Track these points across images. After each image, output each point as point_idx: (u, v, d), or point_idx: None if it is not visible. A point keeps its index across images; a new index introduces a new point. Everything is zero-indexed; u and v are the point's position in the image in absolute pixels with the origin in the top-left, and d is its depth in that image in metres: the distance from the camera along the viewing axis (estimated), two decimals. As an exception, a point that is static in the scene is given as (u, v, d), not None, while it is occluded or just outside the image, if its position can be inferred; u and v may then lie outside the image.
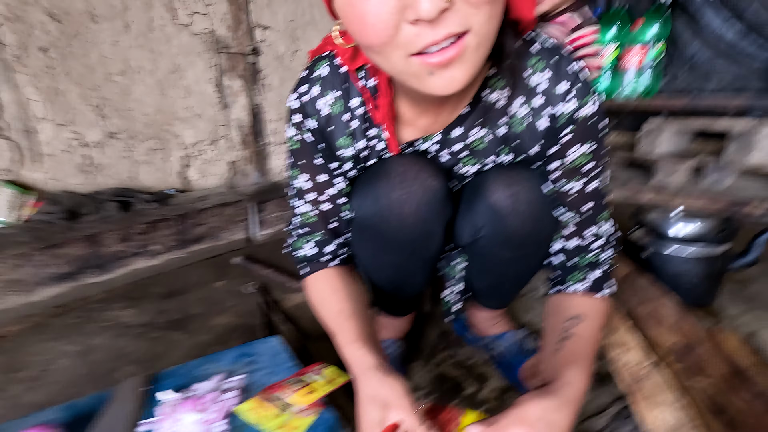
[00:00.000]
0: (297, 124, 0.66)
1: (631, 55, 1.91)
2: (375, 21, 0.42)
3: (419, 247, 0.71)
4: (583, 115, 0.59)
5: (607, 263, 0.69)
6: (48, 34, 1.32)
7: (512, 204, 0.66)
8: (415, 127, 0.66)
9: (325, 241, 0.72)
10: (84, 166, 1.45)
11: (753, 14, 1.82)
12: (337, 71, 0.63)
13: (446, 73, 0.45)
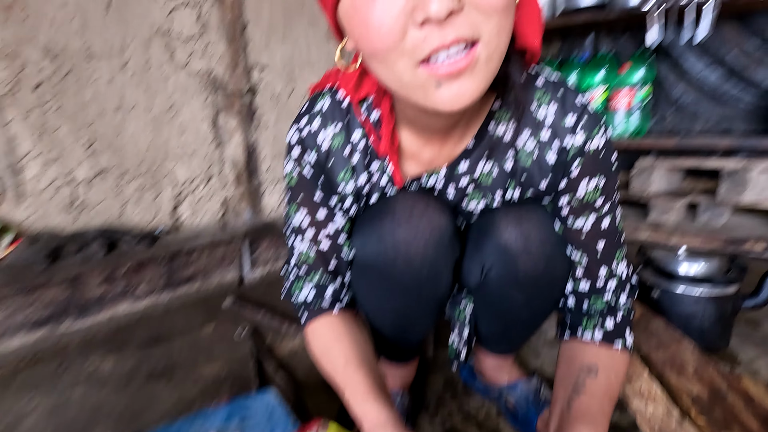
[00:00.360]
0: (296, 158, 0.63)
1: (620, 97, 1.97)
2: (381, 24, 0.40)
3: (426, 290, 0.66)
4: (592, 148, 0.58)
5: (625, 309, 0.65)
6: (42, 71, 1.30)
7: (523, 243, 0.62)
8: (419, 161, 0.63)
9: (324, 284, 0.67)
10: (70, 204, 1.40)
11: (733, 59, 1.91)
12: (339, 105, 0.61)
13: (455, 84, 0.42)
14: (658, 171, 1.89)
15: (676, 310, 1.05)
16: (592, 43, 2.28)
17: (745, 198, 1.68)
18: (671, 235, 1.77)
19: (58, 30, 1.31)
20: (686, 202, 1.89)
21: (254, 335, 1.17)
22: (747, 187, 1.67)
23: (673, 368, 0.83)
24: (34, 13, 1.26)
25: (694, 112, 2.05)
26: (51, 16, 1.30)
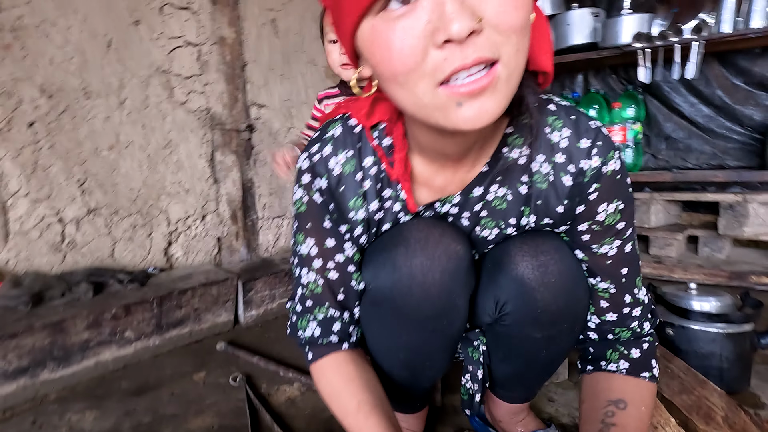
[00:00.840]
0: (306, 185, 0.61)
1: (614, 134, 2.00)
2: (402, 46, 0.40)
3: (442, 323, 0.62)
4: (608, 171, 0.56)
5: (650, 337, 0.64)
6: (38, 109, 1.28)
7: (541, 276, 0.59)
8: (432, 188, 0.61)
9: (332, 318, 0.63)
10: (57, 244, 1.34)
11: (721, 97, 1.96)
12: (351, 131, 0.60)
13: (476, 103, 0.41)
14: (656, 205, 1.90)
15: (693, 348, 1.01)
16: (583, 81, 2.35)
17: (745, 231, 1.68)
18: (674, 269, 1.75)
19: (56, 69, 1.31)
20: (686, 236, 1.89)
21: (249, 383, 1.09)
22: (746, 220, 1.67)
23: (700, 415, 0.78)
24: (33, 52, 1.26)
25: (686, 147, 2.08)
26: (50, 56, 1.30)
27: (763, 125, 1.87)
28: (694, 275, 1.70)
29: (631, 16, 1.82)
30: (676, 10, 1.90)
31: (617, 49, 1.85)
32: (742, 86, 1.92)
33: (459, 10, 0.37)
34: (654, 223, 1.90)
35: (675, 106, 2.07)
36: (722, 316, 0.99)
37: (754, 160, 1.92)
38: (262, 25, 1.82)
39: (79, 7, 1.34)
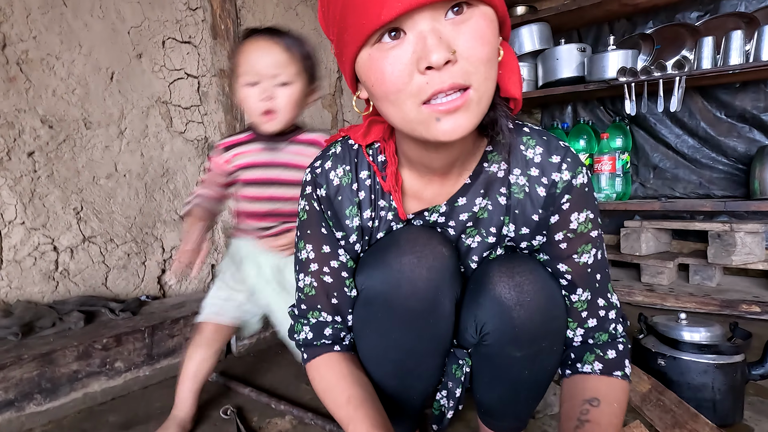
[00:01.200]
0: (307, 195, 0.70)
1: (603, 163, 2.05)
2: (393, 70, 0.49)
3: (429, 322, 0.66)
4: (577, 184, 0.64)
5: (623, 338, 0.69)
6: (37, 139, 1.30)
7: (517, 296, 0.63)
8: (421, 200, 0.69)
9: (324, 323, 0.70)
10: (51, 272, 1.34)
11: (704, 128, 2.03)
12: (350, 149, 0.69)
13: (452, 119, 0.49)
14: (646, 233, 1.92)
15: (685, 380, 1.01)
16: (572, 113, 2.42)
17: (734, 260, 1.71)
18: (666, 297, 1.76)
19: (58, 100, 1.34)
20: (677, 264, 1.91)
21: (239, 415, 1.08)
22: (734, 249, 1.70)
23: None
24: (36, 84, 1.29)
25: (674, 176, 2.14)
26: (53, 87, 1.33)
27: (746, 156, 1.93)
28: (685, 304, 1.71)
29: (615, 52, 1.90)
30: (659, 47, 1.99)
31: (604, 82, 1.92)
32: (725, 119, 1.99)
33: (438, 44, 0.46)
34: (645, 251, 1.92)
35: (661, 137, 2.13)
36: (713, 347, 1.00)
37: (739, 190, 1.97)
38: (261, 57, 1.88)
39: (84, 42, 1.38)
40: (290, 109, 0.95)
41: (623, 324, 0.69)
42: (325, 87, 2.17)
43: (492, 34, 0.50)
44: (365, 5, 0.47)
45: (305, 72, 0.97)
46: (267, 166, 1.02)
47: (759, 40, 1.65)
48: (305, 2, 2.05)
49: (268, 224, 1.05)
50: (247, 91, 0.94)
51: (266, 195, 1.03)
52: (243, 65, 0.93)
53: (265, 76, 0.92)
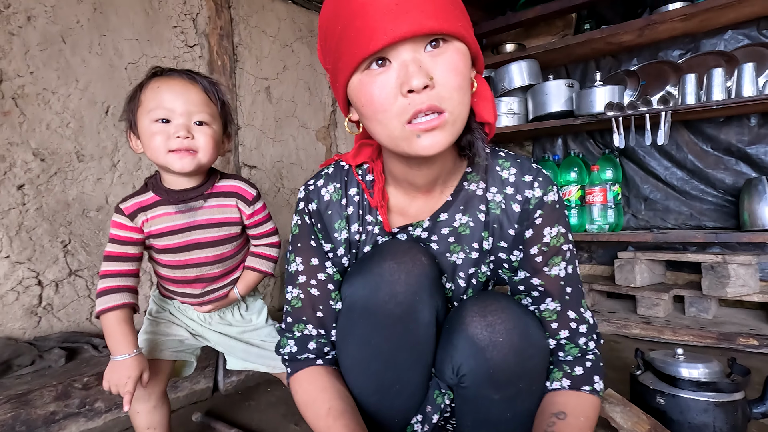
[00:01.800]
0: (300, 210, 0.76)
1: (595, 194, 2.07)
2: (380, 93, 0.57)
3: (409, 327, 0.67)
4: (549, 201, 0.70)
5: (593, 355, 0.70)
6: (28, 171, 1.30)
7: (489, 335, 0.63)
8: (406, 216, 0.74)
9: (308, 336, 0.73)
10: (33, 307, 1.30)
11: (690, 163, 2.07)
12: (341, 169, 0.76)
13: (431, 136, 0.57)
14: (640, 264, 1.92)
15: (685, 419, 0.98)
16: (562, 145, 2.46)
17: (728, 292, 1.70)
18: (662, 330, 1.74)
19: (52, 134, 1.35)
20: (672, 296, 1.90)
21: (224, 460, 1.02)
22: (728, 281, 1.69)
23: (698, 495, 0.74)
24: (31, 118, 1.30)
25: (665, 207, 2.15)
26: (47, 121, 1.34)
27: (734, 188, 1.96)
28: (683, 337, 1.69)
29: (602, 88, 1.95)
30: (644, 83, 2.06)
31: (592, 116, 1.96)
32: (711, 152, 2.03)
33: (418, 71, 0.54)
34: (639, 283, 1.91)
35: (651, 169, 2.17)
36: (712, 384, 0.97)
37: (730, 221, 1.98)
38: (256, 92, 1.92)
39: (81, 77, 1.40)
40: (209, 150, 0.85)
41: (596, 342, 0.71)
42: (319, 120, 2.21)
43: (464, 65, 0.58)
44: (357, 38, 0.55)
45: (221, 117, 0.90)
46: (185, 229, 0.90)
47: (739, 77, 1.71)
48: (300, 40, 2.11)
49: (193, 290, 0.95)
50: (155, 127, 0.83)
51: (189, 260, 0.91)
52: (152, 101, 0.83)
53: (179, 113, 0.83)
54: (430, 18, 0.54)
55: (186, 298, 0.98)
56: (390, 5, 0.53)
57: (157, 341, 0.96)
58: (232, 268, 0.98)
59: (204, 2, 1.72)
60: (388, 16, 0.53)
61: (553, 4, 2.15)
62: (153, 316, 1.01)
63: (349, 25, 0.56)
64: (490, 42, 2.57)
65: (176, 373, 1.03)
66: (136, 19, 1.53)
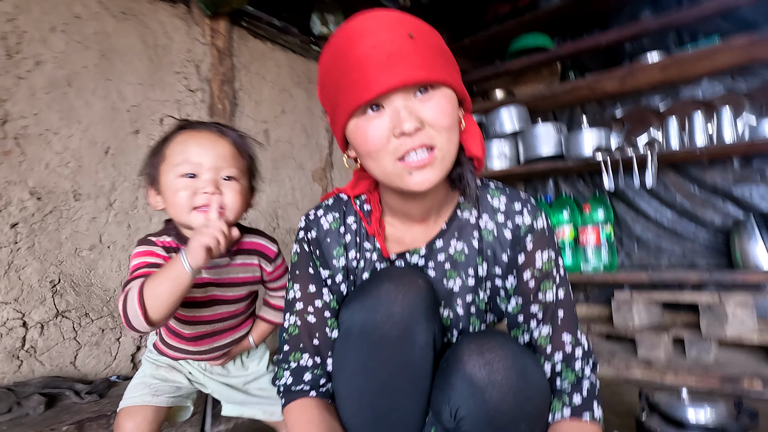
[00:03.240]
0: (300, 238, 0.78)
1: (588, 234, 2.09)
2: (374, 135, 0.62)
3: (405, 350, 0.67)
4: (539, 227, 0.73)
5: (590, 382, 0.71)
6: (23, 210, 1.29)
7: (488, 374, 0.62)
8: (402, 244, 0.77)
9: (304, 368, 0.73)
10: (15, 350, 1.25)
11: (679, 204, 2.11)
12: (340, 200, 0.80)
13: (422, 173, 0.62)
14: (637, 305, 1.91)
15: (696, 467, 0.94)
16: (554, 186, 2.52)
17: (728, 333, 1.68)
18: (665, 373, 1.70)
19: (50, 173, 1.35)
20: (672, 337, 1.87)
21: None
22: (727, 321, 1.68)
23: None
24: (30, 157, 1.31)
25: (657, 247, 2.17)
26: (47, 161, 1.35)
27: (724, 228, 1.99)
28: (686, 379, 1.65)
29: (590, 132, 2.03)
30: (629, 127, 2.14)
31: (581, 159, 2.02)
32: (699, 192, 2.08)
33: (409, 116, 0.60)
34: (638, 323, 1.89)
35: (641, 210, 2.21)
36: (720, 428, 0.94)
37: (722, 260, 2.00)
38: (255, 134, 1.96)
39: (83, 119, 1.43)
40: (237, 207, 0.81)
41: (591, 367, 0.72)
42: (316, 161, 2.25)
43: (451, 108, 0.64)
44: (354, 87, 0.60)
45: (248, 172, 0.87)
46: (209, 284, 0.86)
47: (719, 121, 1.79)
48: (298, 85, 2.19)
49: (199, 348, 0.91)
50: (180, 182, 0.78)
51: (205, 316, 0.88)
52: (179, 155, 0.79)
53: (207, 168, 0.79)
54: (418, 69, 0.59)
55: (186, 355, 0.93)
56: (382, 59, 0.59)
57: (155, 386, 0.91)
58: (239, 323, 0.97)
59: (208, 50, 1.79)
60: (381, 68, 0.59)
61: (539, 55, 2.27)
62: (152, 359, 0.97)
63: (346, 75, 0.61)
64: (481, 89, 2.69)
65: (170, 419, 0.97)
66: (140, 65, 1.59)
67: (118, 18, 1.54)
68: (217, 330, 0.92)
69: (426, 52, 0.61)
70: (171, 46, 1.68)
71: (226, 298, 0.90)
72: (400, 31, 0.61)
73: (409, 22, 0.63)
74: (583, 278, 2.02)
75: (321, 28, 2.16)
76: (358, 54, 0.60)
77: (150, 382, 0.92)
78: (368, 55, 0.59)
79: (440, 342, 0.73)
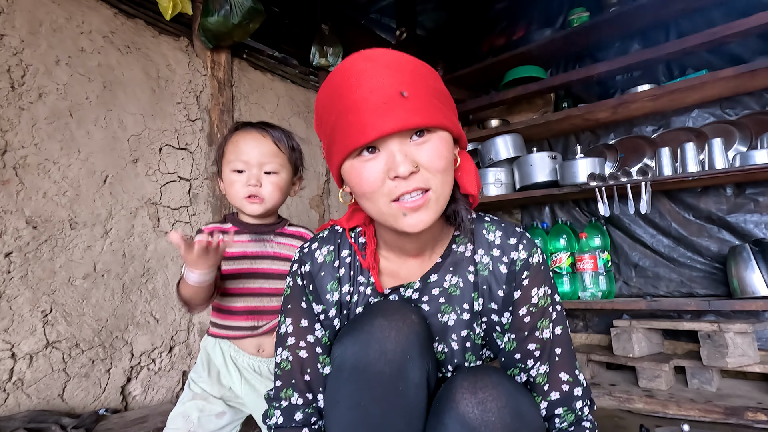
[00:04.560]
0: (293, 271, 0.78)
1: (585, 261, 2.09)
2: (369, 177, 0.63)
3: (399, 388, 0.65)
4: (534, 262, 0.73)
5: (589, 422, 0.70)
6: (18, 239, 1.29)
7: (481, 414, 0.60)
8: (397, 278, 0.77)
9: (295, 406, 0.72)
10: (3, 383, 1.22)
11: (674, 231, 2.12)
12: (335, 233, 0.80)
13: (416, 215, 0.63)
14: (637, 333, 1.88)
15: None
16: (550, 213, 2.53)
17: (729, 362, 1.66)
18: (667, 404, 1.66)
19: (48, 202, 1.36)
20: (673, 367, 1.84)
21: None
22: (727, 351, 1.66)
23: None
24: (28, 186, 1.32)
25: (655, 274, 2.17)
26: (45, 190, 1.36)
27: (720, 255, 1.99)
28: (688, 411, 1.61)
29: (584, 160, 2.05)
30: (622, 155, 2.17)
31: (576, 186, 2.04)
32: (693, 220, 2.09)
33: (404, 159, 0.61)
34: (638, 352, 1.86)
35: (637, 237, 2.21)
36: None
37: (721, 288, 1.99)
38: (253, 162, 1.99)
39: (83, 148, 1.45)
40: (275, 196, 1.00)
41: (590, 407, 0.71)
42: (313, 188, 2.27)
43: (447, 150, 0.65)
44: (350, 129, 0.61)
45: (290, 163, 1.04)
46: (255, 257, 1.02)
47: (710, 150, 1.82)
48: (297, 115, 2.24)
49: (250, 323, 1.00)
50: (234, 176, 0.99)
51: (252, 288, 1.00)
52: (232, 153, 0.99)
53: (252, 164, 0.98)
54: (415, 115, 0.60)
55: (238, 332, 1.00)
56: (378, 103, 0.60)
57: (197, 418, 0.96)
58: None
59: (208, 81, 1.84)
60: (377, 113, 0.60)
61: (532, 86, 2.33)
62: (191, 386, 1.01)
63: (343, 116, 0.62)
64: (476, 118, 2.74)
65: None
66: (142, 95, 1.63)
67: (123, 51, 1.58)
68: (263, 308, 1.01)
69: (423, 96, 0.62)
70: (173, 77, 1.73)
71: (270, 272, 1.01)
72: (397, 75, 0.61)
73: (406, 64, 0.63)
74: (581, 305, 2.01)
75: (320, 59, 2.22)
76: (355, 97, 0.61)
77: (189, 413, 0.96)
78: (365, 98, 0.60)
79: (434, 378, 0.71)
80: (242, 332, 1.01)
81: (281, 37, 2.16)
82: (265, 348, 1.03)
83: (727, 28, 1.78)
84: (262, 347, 1.02)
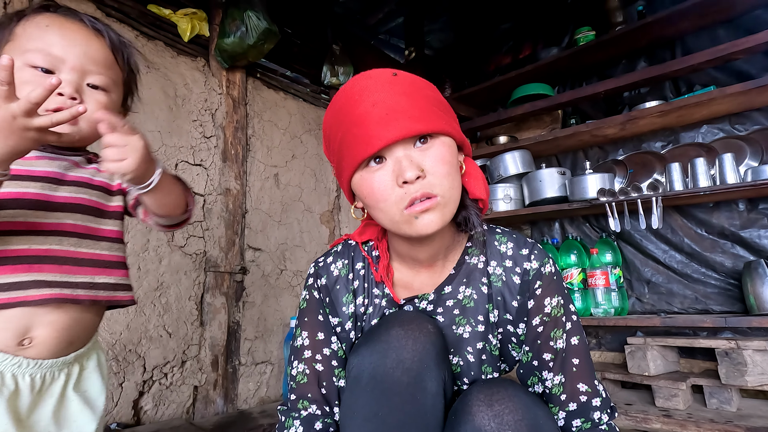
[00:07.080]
0: (309, 285, 0.80)
1: (596, 277, 2.07)
2: (379, 186, 0.66)
3: (416, 397, 0.65)
4: (546, 272, 0.74)
5: (608, 426, 0.70)
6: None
7: (497, 427, 0.60)
8: (411, 290, 0.78)
9: (314, 415, 0.72)
10: (18, 395, 1.23)
11: (687, 247, 2.10)
12: (348, 246, 0.81)
13: (426, 215, 0.65)
14: (652, 351, 1.85)
15: None
16: (560, 229, 2.52)
17: (748, 381, 1.62)
18: (685, 424, 1.62)
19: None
20: (690, 385, 1.80)
21: None
22: (746, 369, 1.62)
23: None
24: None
25: (668, 291, 2.14)
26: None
27: (735, 271, 1.97)
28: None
29: (593, 175, 2.06)
30: (632, 171, 2.18)
31: (586, 201, 2.04)
32: (706, 235, 2.07)
33: (410, 165, 0.64)
34: (654, 371, 1.82)
35: (649, 252, 2.19)
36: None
37: (736, 305, 1.96)
38: (265, 178, 2.02)
39: (103, 164, 1.49)
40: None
41: (609, 414, 0.71)
42: (324, 204, 2.29)
43: (451, 155, 0.67)
44: (356, 143, 0.65)
45: (123, 86, 0.74)
46: (57, 181, 0.70)
47: (721, 165, 1.82)
48: (309, 132, 2.28)
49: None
50: (27, 73, 0.63)
51: (49, 225, 0.68)
52: (35, 40, 0.64)
53: (69, 66, 0.65)
54: (416, 122, 0.64)
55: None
56: (381, 115, 0.63)
57: None
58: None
59: (223, 99, 1.89)
60: (381, 123, 0.63)
61: (540, 102, 2.35)
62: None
63: (348, 132, 0.66)
64: (485, 134, 2.77)
65: None
66: (160, 114, 1.67)
67: (143, 71, 1.64)
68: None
69: (423, 104, 0.66)
70: (189, 96, 1.78)
71: (82, 203, 0.73)
72: (397, 88, 0.65)
73: (404, 78, 0.67)
74: (594, 322, 1.98)
75: (331, 78, 2.28)
76: (359, 112, 0.64)
77: None
78: (368, 112, 0.64)
79: (450, 389, 0.71)
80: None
81: (294, 57, 2.22)
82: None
83: (734, 45, 1.80)
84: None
